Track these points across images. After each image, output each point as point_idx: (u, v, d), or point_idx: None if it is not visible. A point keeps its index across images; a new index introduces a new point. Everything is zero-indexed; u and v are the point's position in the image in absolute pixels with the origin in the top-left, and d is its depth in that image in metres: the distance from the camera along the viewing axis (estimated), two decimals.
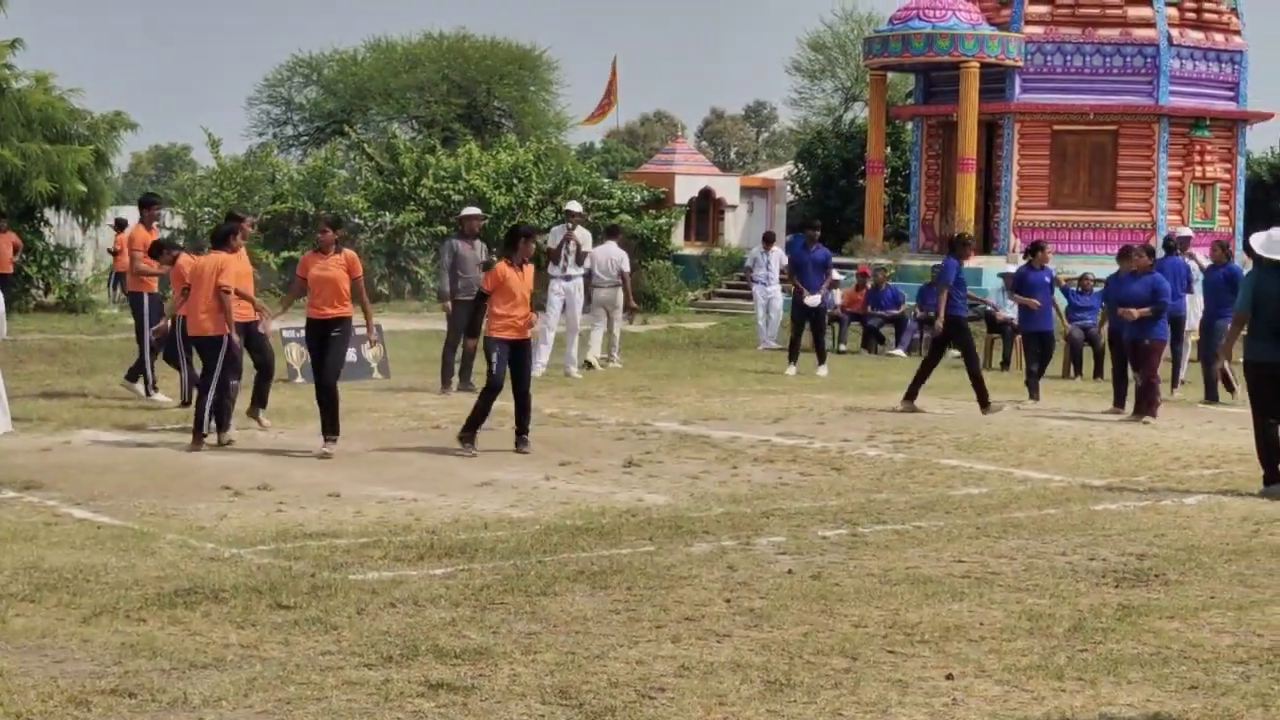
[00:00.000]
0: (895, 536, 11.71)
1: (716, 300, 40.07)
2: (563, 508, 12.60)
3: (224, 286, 15.58)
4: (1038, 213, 39.50)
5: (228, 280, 15.63)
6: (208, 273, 15.80)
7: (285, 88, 58.35)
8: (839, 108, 64.33)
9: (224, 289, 15.58)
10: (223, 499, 12.74)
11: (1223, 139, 40.83)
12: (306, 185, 40.06)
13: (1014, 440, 17.36)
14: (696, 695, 7.60)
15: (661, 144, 61.22)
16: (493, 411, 15.78)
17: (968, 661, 8.29)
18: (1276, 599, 9.90)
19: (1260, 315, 14.27)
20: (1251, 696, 7.80)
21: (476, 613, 9.09)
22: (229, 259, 15.85)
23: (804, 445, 16.52)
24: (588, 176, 42.27)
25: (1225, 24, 40.67)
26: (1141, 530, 12.19)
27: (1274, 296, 14.19)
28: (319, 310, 15.60)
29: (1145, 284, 19.61)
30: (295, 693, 7.52)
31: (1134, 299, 19.54)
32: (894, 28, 39.80)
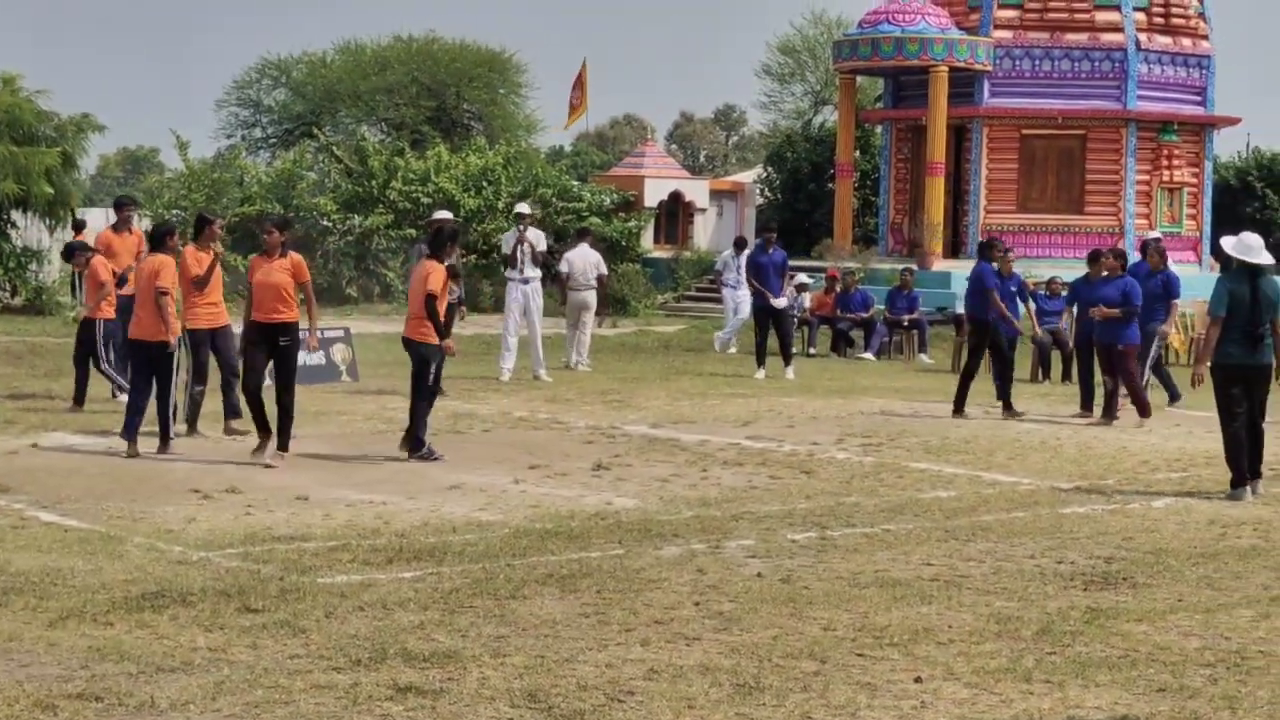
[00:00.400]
0: (864, 539, 11.72)
1: (686, 303, 40.06)
2: (532, 511, 12.59)
3: (161, 289, 15.25)
4: (1006, 216, 39.58)
5: (165, 283, 15.30)
6: (145, 275, 15.47)
7: (254, 90, 58.16)
8: (808, 111, 64.37)
9: (161, 291, 15.25)
10: (191, 502, 12.70)
11: (1190, 143, 40.96)
12: (275, 188, 39.94)
13: (983, 444, 17.39)
14: (665, 698, 7.60)
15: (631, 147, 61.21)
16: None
17: (936, 664, 8.30)
18: (1243, 602, 9.94)
19: (1234, 318, 14.34)
20: (1219, 699, 7.82)
21: (445, 616, 9.08)
22: (166, 261, 15.51)
23: (773, 448, 16.53)
24: (557, 179, 42.22)
25: (1193, 29, 40.81)
26: (1109, 533, 12.23)
27: (1247, 300, 14.29)
28: (265, 315, 15.01)
29: (1116, 287, 19.65)
30: (263, 696, 7.49)
31: (1105, 303, 19.58)
32: (863, 32, 39.86)
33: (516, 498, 13.24)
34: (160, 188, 42.34)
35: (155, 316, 15.31)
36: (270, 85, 58.06)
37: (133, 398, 15.43)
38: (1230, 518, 13.04)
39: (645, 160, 46.60)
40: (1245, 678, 8.20)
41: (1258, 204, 47.42)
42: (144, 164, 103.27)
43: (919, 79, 39.77)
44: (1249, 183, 47.81)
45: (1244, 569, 10.96)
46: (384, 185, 40.20)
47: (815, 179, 47.36)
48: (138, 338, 15.53)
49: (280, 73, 57.72)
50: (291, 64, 57.65)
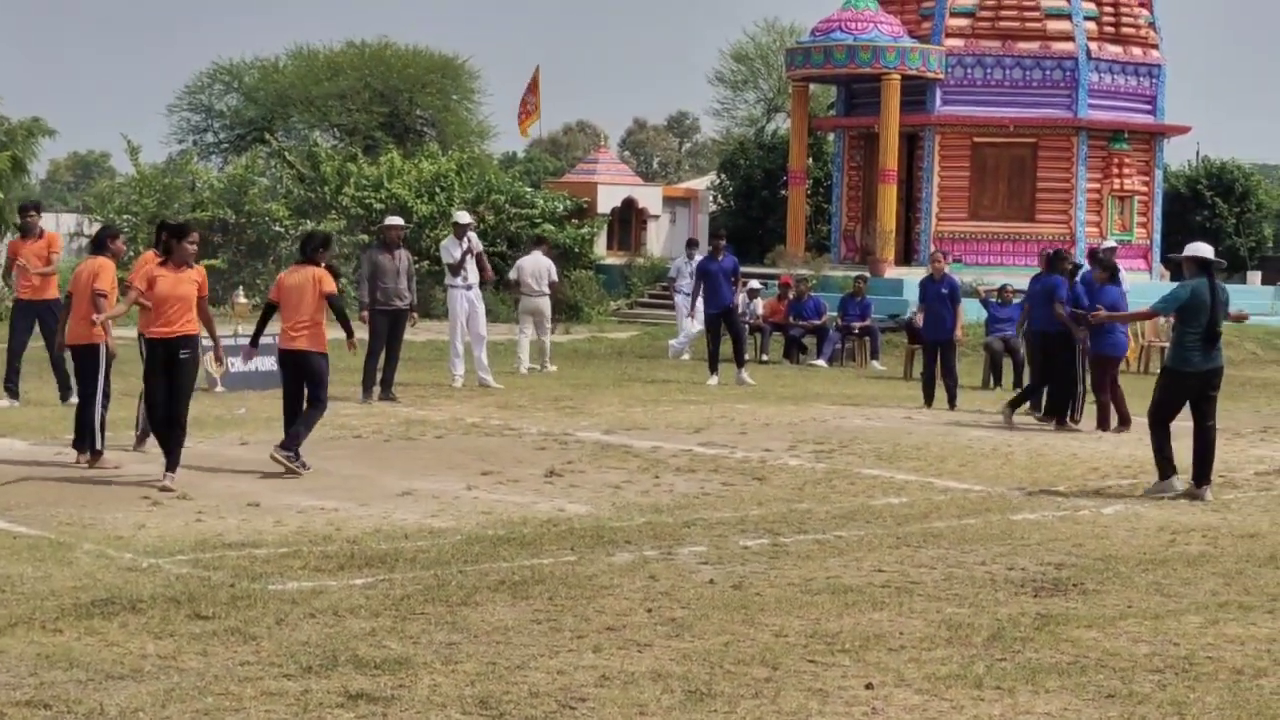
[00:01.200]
0: (816, 546, 11.74)
1: (639, 310, 40.10)
2: (484, 518, 12.57)
3: (99, 291, 14.90)
4: (958, 224, 39.77)
5: (103, 286, 14.95)
6: (84, 279, 15.15)
7: (206, 95, 57.96)
8: (761, 119, 64.52)
9: (99, 294, 14.89)
10: (141, 508, 12.64)
11: (1141, 152, 41.21)
12: (227, 193, 39.82)
13: (934, 450, 17.44)
14: (617, 705, 7.60)
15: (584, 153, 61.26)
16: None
17: (887, 670, 8.32)
18: (1192, 608, 9.99)
19: (1196, 322, 14.49)
20: (1167, 705, 7.86)
21: (397, 623, 9.06)
22: (106, 264, 15.15)
23: (726, 455, 16.55)
24: (510, 186, 42.21)
25: (1144, 38, 41.06)
26: (1060, 540, 12.28)
27: (1208, 303, 14.47)
28: (170, 328, 14.13)
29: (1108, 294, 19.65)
30: (213, 704, 7.46)
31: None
32: (816, 39, 39.98)
33: (469, 504, 13.22)
34: (111, 193, 42.18)
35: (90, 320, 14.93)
36: (222, 90, 57.87)
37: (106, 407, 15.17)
38: (1179, 524, 13.11)
39: (598, 167, 46.67)
40: (1194, 684, 8.24)
41: (1207, 212, 47.77)
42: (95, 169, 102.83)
43: (871, 87, 39.91)
44: (1199, 191, 48.15)
45: (1193, 575, 11.01)
46: (336, 191, 40.12)
47: (768, 186, 47.49)
48: (75, 342, 15.20)
49: (232, 77, 57.53)
50: (244, 69, 57.48)
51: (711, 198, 50.47)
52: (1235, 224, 48.02)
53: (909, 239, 40.46)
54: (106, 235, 15.79)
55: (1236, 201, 48.24)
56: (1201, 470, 14.64)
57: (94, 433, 14.81)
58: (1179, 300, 14.64)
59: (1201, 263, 14.71)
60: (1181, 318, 14.65)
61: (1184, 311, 14.58)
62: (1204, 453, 14.67)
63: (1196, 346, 14.51)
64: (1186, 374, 14.61)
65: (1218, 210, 47.80)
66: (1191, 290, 14.57)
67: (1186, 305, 14.54)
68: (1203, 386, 14.64)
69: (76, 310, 15.13)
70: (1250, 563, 11.51)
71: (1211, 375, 14.68)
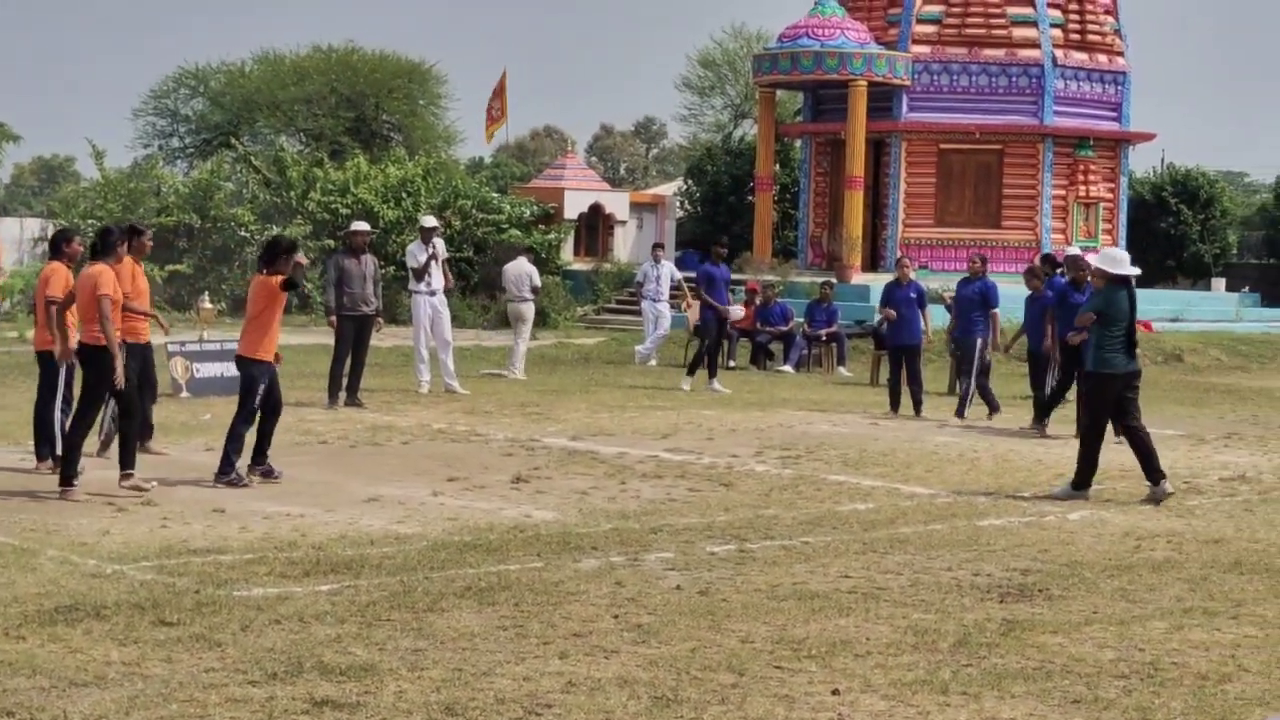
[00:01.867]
0: (783, 552, 11.75)
1: (606, 315, 40.09)
2: (450, 524, 12.55)
3: (50, 298, 14.63)
4: (924, 230, 39.84)
5: (54, 292, 14.64)
6: (37, 286, 15.00)
7: (171, 99, 57.83)
8: (728, 124, 64.59)
9: (50, 301, 14.62)
10: (105, 514, 12.58)
11: (1106, 159, 41.35)
12: (192, 198, 39.71)
13: (900, 456, 17.47)
14: (583, 711, 7.59)
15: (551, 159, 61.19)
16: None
17: (854, 676, 8.33)
18: (1157, 614, 10.02)
19: (1116, 328, 14.84)
20: (1133, 710, 7.88)
21: (362, 629, 9.03)
22: (57, 268, 14.88)
23: (692, 461, 16.55)
24: (477, 191, 42.18)
25: (1109, 45, 41.20)
26: (1025, 545, 12.31)
27: (1126, 309, 14.85)
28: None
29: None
30: (178, 711, 7.43)
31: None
32: (783, 46, 40.02)
33: (435, 510, 13.20)
34: (76, 197, 42.02)
35: (43, 327, 14.78)
36: (188, 95, 57.75)
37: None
38: (1145, 530, 13.16)
39: (565, 172, 46.65)
40: (1159, 689, 8.27)
41: (1172, 219, 47.93)
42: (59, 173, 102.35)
43: (838, 93, 39.97)
44: (1163, 198, 48.31)
45: (1158, 581, 11.05)
46: (302, 196, 40.05)
47: (735, 192, 47.53)
48: (40, 348, 15.08)
49: (198, 82, 57.42)
50: (209, 73, 57.37)
51: (679, 204, 50.48)
52: (1200, 231, 48.19)
53: (875, 245, 40.52)
54: (62, 239, 15.43)
55: (1201, 209, 48.42)
56: (1149, 468, 14.83)
57: (54, 440, 14.69)
58: (1095, 306, 15.04)
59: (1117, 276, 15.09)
60: (1102, 321, 14.97)
61: (1104, 315, 14.93)
62: (1145, 452, 14.92)
63: (1118, 349, 14.90)
64: (1111, 376, 14.95)
65: (1182, 217, 47.97)
66: (1109, 298, 14.97)
67: (1105, 312, 14.90)
68: (1123, 388, 15.00)
69: (38, 317, 14.95)
70: (1215, 568, 11.55)
71: (1131, 377, 15.07)
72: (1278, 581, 11.15)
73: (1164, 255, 47.89)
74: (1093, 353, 15.07)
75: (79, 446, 13.62)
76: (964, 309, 21.60)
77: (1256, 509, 14.50)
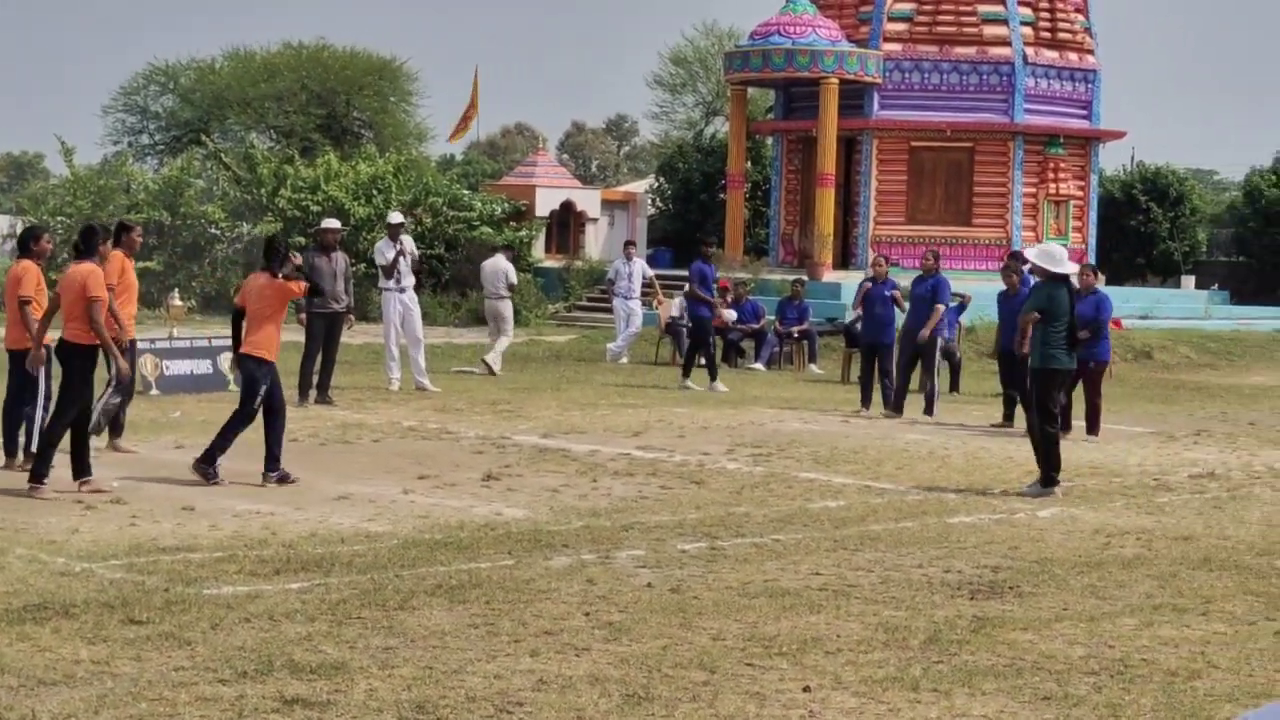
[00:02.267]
0: (754, 549, 11.75)
1: (577, 313, 40.07)
2: (421, 521, 12.53)
3: (23, 297, 14.54)
4: (895, 228, 39.90)
5: (26, 291, 14.55)
6: (8, 285, 14.86)
7: (141, 96, 57.67)
8: (700, 122, 64.63)
9: (23, 300, 14.54)
10: (74, 513, 12.53)
11: (1076, 156, 41.45)
12: (162, 195, 39.60)
13: (871, 454, 17.49)
14: (555, 709, 7.58)
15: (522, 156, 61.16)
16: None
17: (825, 673, 8.33)
18: (1127, 610, 10.05)
19: (1058, 324, 15.04)
20: (1103, 707, 7.90)
21: (333, 628, 9.01)
22: (29, 267, 14.72)
23: (664, 459, 16.55)
24: (448, 188, 42.12)
25: (1079, 43, 41.31)
26: (996, 543, 12.33)
27: (1066, 305, 15.08)
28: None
29: (1089, 303, 19.60)
30: (147, 709, 7.40)
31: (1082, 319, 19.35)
32: (754, 43, 40.03)
33: (405, 508, 13.18)
34: (45, 194, 41.88)
35: (16, 325, 14.68)
36: (158, 91, 57.60)
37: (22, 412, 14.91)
38: (1114, 527, 13.19)
39: (536, 170, 46.62)
40: (1128, 686, 8.29)
41: (1142, 217, 48.09)
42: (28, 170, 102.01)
43: (810, 90, 40.00)
44: (1133, 196, 48.46)
45: (1127, 578, 11.08)
46: (273, 193, 39.95)
47: (706, 189, 47.56)
48: (12, 347, 14.94)
49: (168, 79, 57.26)
50: (180, 70, 57.22)
51: (650, 201, 50.49)
52: (1170, 229, 48.36)
53: (847, 243, 40.57)
54: (30, 237, 15.33)
55: (1171, 206, 48.59)
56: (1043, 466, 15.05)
57: (27, 437, 14.63)
58: (1038, 304, 15.22)
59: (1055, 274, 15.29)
60: (1045, 318, 15.15)
61: (1046, 312, 15.12)
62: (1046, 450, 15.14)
63: (1060, 345, 15.11)
64: (1057, 371, 15.18)
65: (1152, 215, 48.13)
66: (1048, 295, 15.17)
67: (1047, 308, 15.10)
68: (1065, 384, 15.40)
69: (10, 316, 14.86)
70: (1184, 565, 11.58)
71: (1070, 374, 15.43)
72: (1247, 578, 11.19)
73: (1134, 253, 48.06)
74: (1038, 349, 15.21)
75: (55, 445, 13.53)
76: (917, 306, 21.56)
77: (1225, 506, 14.55)
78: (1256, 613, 10.11)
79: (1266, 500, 14.99)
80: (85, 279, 13.62)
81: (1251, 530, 13.23)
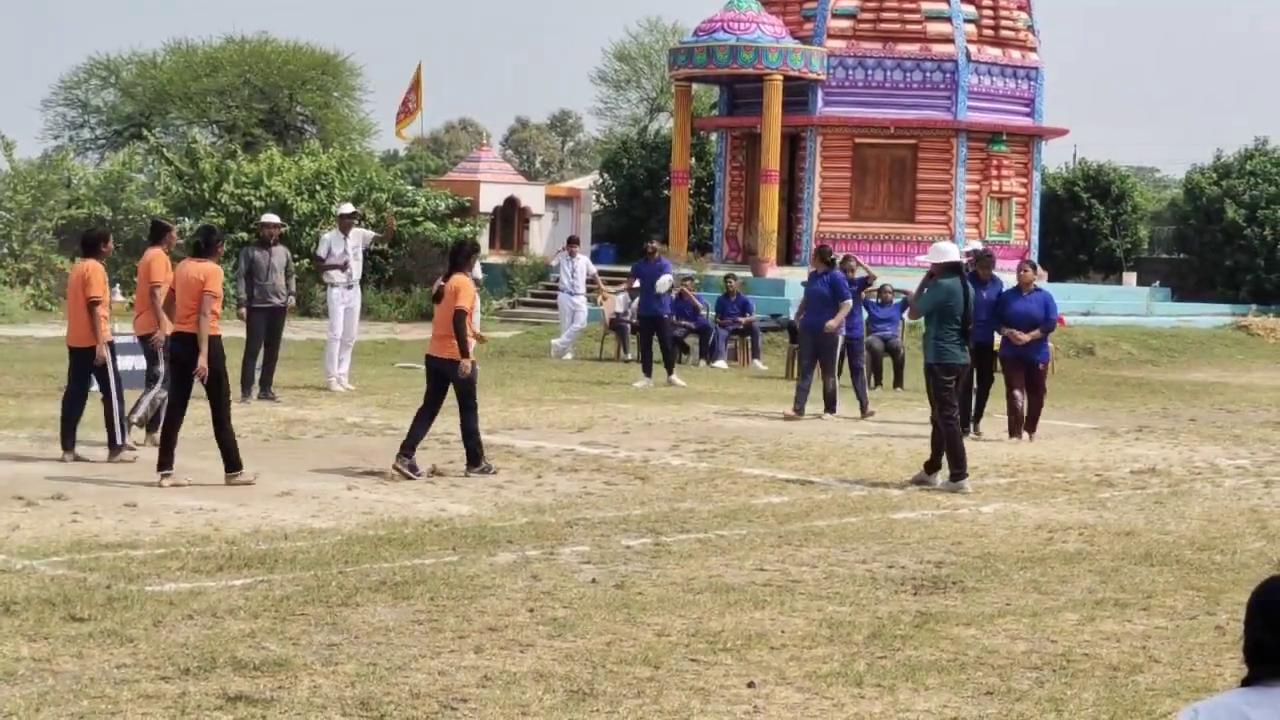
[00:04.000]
0: (698, 545, 11.76)
1: (521, 309, 40.02)
2: (365, 518, 12.49)
3: (93, 298, 15.18)
4: (839, 224, 39.98)
5: (96, 292, 15.19)
6: (74, 282, 15.38)
7: (82, 90, 57.29)
8: (644, 118, 64.62)
9: (93, 300, 15.18)
10: (15, 509, 12.45)
11: (1019, 154, 41.63)
12: (104, 190, 39.36)
13: (816, 450, 17.53)
14: (499, 705, 7.57)
15: (466, 152, 61.04)
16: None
17: (769, 669, 8.35)
18: (1069, 606, 10.10)
19: (948, 321, 15.27)
20: (1045, 701, 7.94)
21: (276, 624, 8.98)
22: (96, 267, 15.33)
23: (608, 454, 16.55)
24: (391, 184, 42.01)
25: (1022, 41, 41.49)
26: (939, 538, 12.37)
27: (961, 301, 15.28)
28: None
29: (1035, 301, 19.43)
30: (89, 707, 7.36)
31: (1024, 318, 19.18)
32: (698, 40, 40.06)
33: (349, 504, 13.14)
34: None
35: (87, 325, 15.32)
36: (99, 85, 57.24)
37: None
38: (1056, 523, 13.25)
39: (480, 165, 46.52)
40: (1070, 680, 8.33)
41: (1084, 214, 48.32)
42: None
43: (754, 87, 40.05)
44: (1076, 193, 48.68)
45: (1070, 573, 11.14)
46: (215, 188, 39.77)
47: (651, 186, 47.54)
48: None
49: (109, 73, 56.91)
50: (120, 64, 56.87)
51: (594, 197, 50.46)
52: (1111, 225, 48.60)
53: (790, 239, 40.64)
54: (99, 238, 15.80)
55: (1113, 204, 48.83)
56: (952, 459, 15.11)
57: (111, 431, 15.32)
58: (937, 301, 15.35)
59: (951, 265, 15.54)
60: (940, 316, 15.36)
61: (942, 310, 15.30)
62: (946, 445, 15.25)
63: (954, 340, 15.30)
64: (953, 366, 15.34)
65: (1094, 212, 48.36)
66: (947, 290, 15.31)
67: (945, 305, 15.26)
68: (960, 377, 15.51)
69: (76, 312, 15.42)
70: (1126, 560, 11.65)
71: (963, 368, 15.56)
72: (1188, 573, 11.26)
73: (1076, 249, 48.29)
74: (932, 345, 15.36)
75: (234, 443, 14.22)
76: (814, 303, 20.99)
77: (1167, 501, 14.65)
78: (1197, 607, 10.18)
79: (1207, 496, 15.09)
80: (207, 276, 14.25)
81: (1192, 525, 13.32)
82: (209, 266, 14.35)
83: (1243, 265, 45.72)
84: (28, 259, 37.72)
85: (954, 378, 15.30)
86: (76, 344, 15.44)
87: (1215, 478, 16.36)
